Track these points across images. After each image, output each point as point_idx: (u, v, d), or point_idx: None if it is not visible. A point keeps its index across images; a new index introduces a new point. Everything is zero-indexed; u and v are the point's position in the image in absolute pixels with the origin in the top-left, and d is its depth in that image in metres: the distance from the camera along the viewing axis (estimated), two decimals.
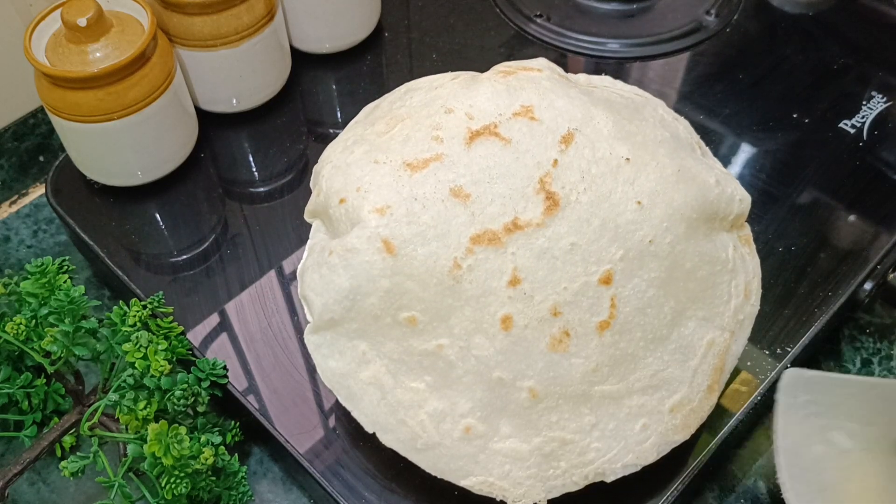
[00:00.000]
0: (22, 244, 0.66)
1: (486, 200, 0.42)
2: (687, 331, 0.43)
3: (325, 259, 0.44)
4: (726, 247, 0.45)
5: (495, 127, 0.44)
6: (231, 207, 0.61)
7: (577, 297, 0.41)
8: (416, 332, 0.42)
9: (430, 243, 0.41)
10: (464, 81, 0.48)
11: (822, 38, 0.70)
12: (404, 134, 0.45)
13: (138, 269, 0.57)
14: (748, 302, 0.46)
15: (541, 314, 0.41)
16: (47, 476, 0.55)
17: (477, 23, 0.72)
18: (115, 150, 0.58)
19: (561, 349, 0.41)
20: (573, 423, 0.42)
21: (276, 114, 0.66)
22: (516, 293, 0.41)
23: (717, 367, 0.44)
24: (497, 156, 0.43)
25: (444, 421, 0.42)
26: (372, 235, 0.42)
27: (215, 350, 0.53)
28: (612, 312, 0.41)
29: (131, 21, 0.56)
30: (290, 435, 0.50)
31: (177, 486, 0.45)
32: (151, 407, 0.47)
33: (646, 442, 0.43)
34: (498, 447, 0.42)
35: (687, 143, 0.48)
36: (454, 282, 0.41)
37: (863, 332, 0.59)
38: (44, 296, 0.49)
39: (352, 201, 0.44)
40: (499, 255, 0.41)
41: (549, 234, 0.41)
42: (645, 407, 0.43)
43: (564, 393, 0.41)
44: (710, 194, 0.44)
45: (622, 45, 0.70)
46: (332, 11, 0.66)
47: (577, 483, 0.43)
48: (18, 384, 0.51)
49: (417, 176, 0.43)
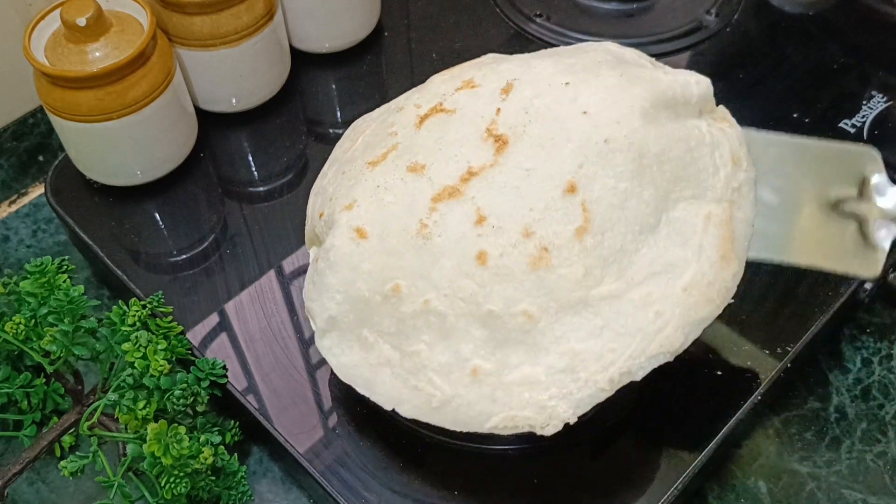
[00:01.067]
0: (21, 244, 0.66)
1: (441, 164, 0.43)
2: (677, 213, 0.42)
3: (314, 268, 0.46)
4: (698, 125, 0.45)
5: (441, 105, 0.46)
6: (231, 207, 0.61)
7: (544, 214, 0.41)
8: (403, 299, 0.42)
9: (399, 218, 0.42)
10: (416, 87, 0.50)
11: (822, 38, 0.70)
12: (365, 142, 0.48)
13: (138, 269, 0.57)
14: (740, 168, 0.45)
15: (512, 239, 0.41)
16: (47, 476, 0.55)
17: (477, 23, 0.72)
18: (115, 149, 0.58)
19: (543, 265, 0.40)
20: (580, 331, 0.41)
21: (276, 114, 0.66)
22: (485, 230, 0.41)
23: (725, 237, 0.43)
24: (444, 125, 0.44)
25: (451, 372, 0.42)
26: (344, 229, 0.43)
27: (215, 350, 0.53)
28: (586, 216, 0.41)
29: (131, 21, 0.56)
30: (289, 435, 0.49)
31: (176, 485, 0.45)
32: (151, 406, 0.47)
33: (666, 327, 0.41)
34: (511, 378, 0.41)
35: (634, 61, 0.48)
36: (424, 240, 0.42)
37: (863, 332, 0.59)
38: (43, 295, 0.49)
39: (327, 211, 0.46)
40: (460, 204, 0.42)
41: (503, 169, 0.42)
42: (652, 294, 0.41)
43: (560, 305, 0.40)
44: (660, 85, 0.44)
45: (622, 44, 0.70)
46: (332, 11, 0.66)
47: (603, 389, 0.40)
48: (18, 384, 0.51)
49: (378, 168, 0.45)
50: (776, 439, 0.54)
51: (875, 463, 0.53)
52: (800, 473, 0.53)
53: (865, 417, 0.55)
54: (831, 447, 0.54)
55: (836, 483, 0.53)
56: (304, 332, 0.54)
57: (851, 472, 0.53)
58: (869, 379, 0.57)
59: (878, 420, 0.55)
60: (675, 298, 0.41)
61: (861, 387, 0.56)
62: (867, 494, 0.52)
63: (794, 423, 0.55)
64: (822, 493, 0.52)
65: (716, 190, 0.44)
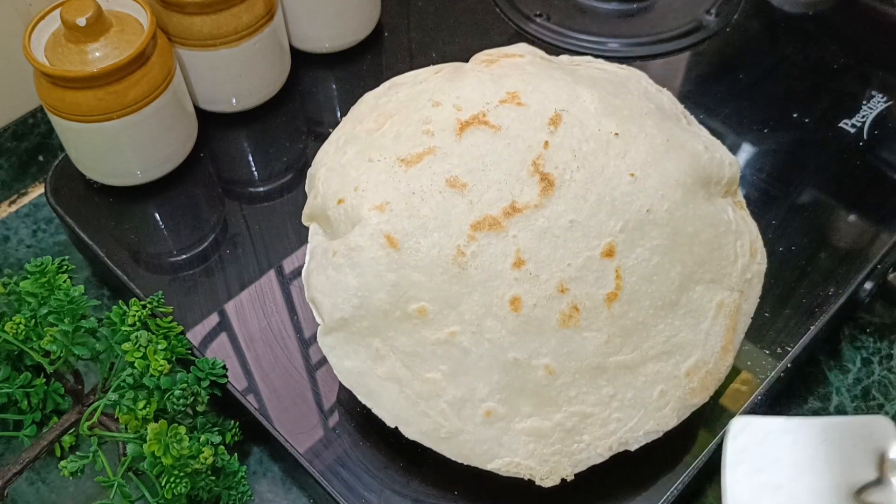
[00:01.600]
0: (21, 244, 0.66)
1: (483, 188, 0.42)
2: (696, 294, 0.44)
3: (329, 260, 0.44)
4: (726, 209, 0.46)
5: (484, 116, 0.45)
6: (230, 207, 0.61)
7: (581, 273, 0.41)
8: (427, 323, 0.42)
9: (432, 234, 0.42)
10: (448, 74, 0.48)
11: (822, 38, 0.70)
12: (395, 130, 0.46)
13: (138, 269, 0.57)
14: (754, 261, 0.46)
15: (548, 292, 0.41)
16: (47, 476, 0.55)
17: (477, 23, 0.72)
18: (115, 149, 0.58)
19: (572, 324, 0.41)
20: (592, 395, 0.42)
21: (276, 113, 0.66)
22: (522, 274, 0.41)
23: (730, 327, 0.44)
24: (488, 143, 0.44)
25: (464, 408, 0.42)
26: (374, 232, 0.42)
27: (215, 350, 0.53)
28: (619, 283, 0.42)
29: (131, 21, 0.56)
30: (289, 435, 0.49)
31: (176, 485, 0.45)
32: (151, 406, 0.47)
33: (665, 407, 0.43)
34: (520, 427, 0.42)
35: (672, 113, 0.49)
36: (460, 269, 0.41)
37: (863, 332, 0.59)
38: (43, 295, 0.49)
39: (350, 201, 0.44)
40: (501, 239, 0.41)
41: (547, 213, 0.42)
42: (661, 373, 0.43)
43: (580, 367, 0.42)
44: (701, 160, 0.45)
45: (622, 44, 0.70)
46: (332, 11, 0.66)
47: (601, 455, 0.43)
48: (18, 384, 0.51)
49: (412, 170, 0.43)
50: None
51: None
52: None
53: None
54: None
55: None
56: (305, 332, 0.54)
57: None
58: (869, 379, 0.57)
59: None
60: (678, 381, 0.43)
61: (861, 387, 0.56)
62: None
63: None
64: None
65: (731, 278, 0.45)
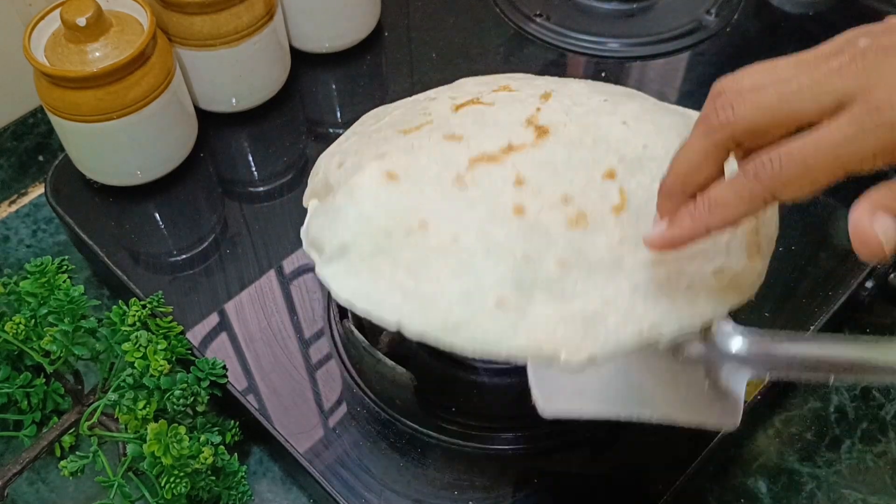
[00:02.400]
0: (21, 244, 0.66)
1: (480, 139, 0.43)
2: None
3: (328, 204, 0.43)
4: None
5: (477, 99, 0.45)
6: (230, 207, 0.61)
7: (585, 189, 0.40)
8: (430, 234, 0.40)
9: (431, 168, 0.41)
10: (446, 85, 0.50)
11: (822, 38, 0.69)
12: (394, 119, 0.47)
13: (137, 269, 0.57)
14: None
15: (552, 201, 0.40)
16: (47, 476, 0.55)
17: (476, 22, 0.72)
18: (115, 149, 0.58)
19: (580, 227, 0.39)
20: (610, 287, 0.39)
21: (276, 113, 0.66)
22: (523, 189, 0.40)
23: (752, 242, 0.42)
24: (482, 114, 0.44)
25: (472, 298, 0.39)
26: (373, 173, 0.42)
27: (215, 350, 0.53)
28: (623, 199, 0.40)
29: (131, 21, 0.56)
30: (289, 434, 0.49)
31: (176, 485, 0.45)
32: (151, 406, 0.47)
33: (697, 299, 0.39)
34: (538, 311, 0.39)
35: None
36: (459, 190, 0.41)
37: (863, 332, 0.59)
38: (43, 295, 0.49)
39: (350, 160, 0.44)
40: (500, 168, 0.41)
41: (544, 151, 0.42)
42: (685, 271, 0.39)
43: (594, 262, 0.39)
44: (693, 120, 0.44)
45: (622, 44, 0.70)
46: (331, 11, 0.66)
47: (630, 338, 0.38)
48: (18, 384, 0.51)
49: (411, 134, 0.44)
50: (776, 439, 0.54)
51: (875, 463, 0.53)
52: (800, 473, 0.53)
53: (865, 417, 0.55)
54: (831, 447, 0.54)
55: (836, 483, 0.53)
56: (305, 332, 0.54)
57: (851, 471, 0.53)
58: None
59: (878, 420, 0.55)
60: (705, 279, 0.40)
61: (861, 387, 0.56)
62: (867, 494, 0.52)
63: (794, 423, 0.55)
64: (822, 492, 0.52)
65: None
